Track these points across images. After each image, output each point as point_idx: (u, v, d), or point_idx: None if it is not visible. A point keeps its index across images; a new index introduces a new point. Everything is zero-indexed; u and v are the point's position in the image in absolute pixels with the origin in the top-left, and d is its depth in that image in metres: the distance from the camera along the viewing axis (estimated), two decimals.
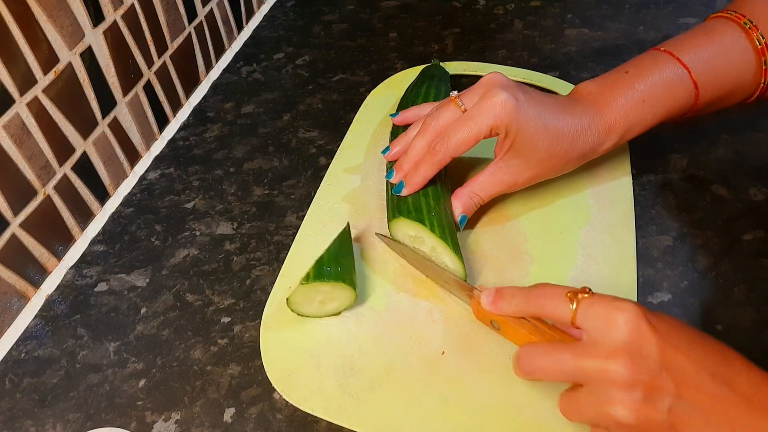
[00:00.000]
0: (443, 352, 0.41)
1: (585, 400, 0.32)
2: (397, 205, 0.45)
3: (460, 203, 0.46)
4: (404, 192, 0.45)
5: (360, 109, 0.60)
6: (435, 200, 0.44)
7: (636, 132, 0.46)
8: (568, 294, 0.33)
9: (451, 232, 0.43)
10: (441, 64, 0.62)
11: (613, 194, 0.49)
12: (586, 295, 0.33)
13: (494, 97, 0.42)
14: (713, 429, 0.29)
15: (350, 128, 0.58)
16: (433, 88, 0.56)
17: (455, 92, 0.45)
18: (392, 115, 0.53)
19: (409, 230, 0.44)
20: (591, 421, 0.33)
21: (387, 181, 0.48)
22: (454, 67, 0.64)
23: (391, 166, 0.48)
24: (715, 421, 0.29)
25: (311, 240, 0.48)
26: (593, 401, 0.31)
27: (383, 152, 0.49)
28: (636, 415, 0.30)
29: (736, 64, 0.46)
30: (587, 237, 0.46)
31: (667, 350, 0.30)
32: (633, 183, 0.50)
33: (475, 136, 0.42)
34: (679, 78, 0.45)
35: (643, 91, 0.45)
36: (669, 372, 0.30)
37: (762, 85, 0.46)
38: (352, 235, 0.46)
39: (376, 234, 0.47)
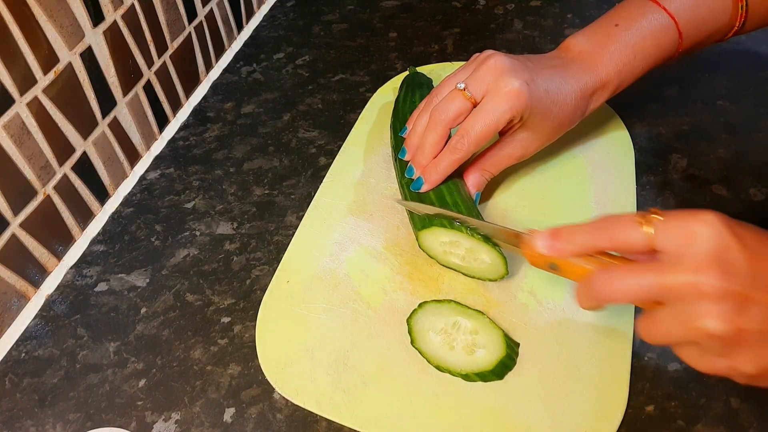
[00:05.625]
0: None
1: (671, 319, 0.30)
2: (426, 215, 0.43)
3: (472, 181, 0.46)
4: (424, 188, 0.44)
5: (366, 106, 0.60)
6: (461, 200, 0.44)
7: (626, 85, 0.47)
8: (638, 219, 0.32)
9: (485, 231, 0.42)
10: (443, 65, 0.62)
11: (617, 199, 0.49)
12: (659, 216, 0.31)
13: (507, 87, 0.41)
14: None
15: (355, 125, 0.58)
16: (427, 96, 0.54)
17: (462, 84, 0.43)
18: (401, 133, 0.50)
19: (442, 237, 0.43)
20: (679, 339, 0.31)
21: (402, 189, 0.47)
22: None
23: (403, 167, 0.47)
24: None
25: (311, 235, 0.49)
26: (681, 318, 0.30)
27: (400, 155, 0.48)
28: (730, 327, 0.28)
29: (716, 11, 0.46)
30: None
31: (754, 258, 0.29)
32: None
33: (494, 129, 0.42)
34: (666, 29, 0.45)
35: (634, 45, 0.45)
36: (759, 280, 0.28)
37: (735, 27, 0.47)
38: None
39: (394, 199, 0.49)
